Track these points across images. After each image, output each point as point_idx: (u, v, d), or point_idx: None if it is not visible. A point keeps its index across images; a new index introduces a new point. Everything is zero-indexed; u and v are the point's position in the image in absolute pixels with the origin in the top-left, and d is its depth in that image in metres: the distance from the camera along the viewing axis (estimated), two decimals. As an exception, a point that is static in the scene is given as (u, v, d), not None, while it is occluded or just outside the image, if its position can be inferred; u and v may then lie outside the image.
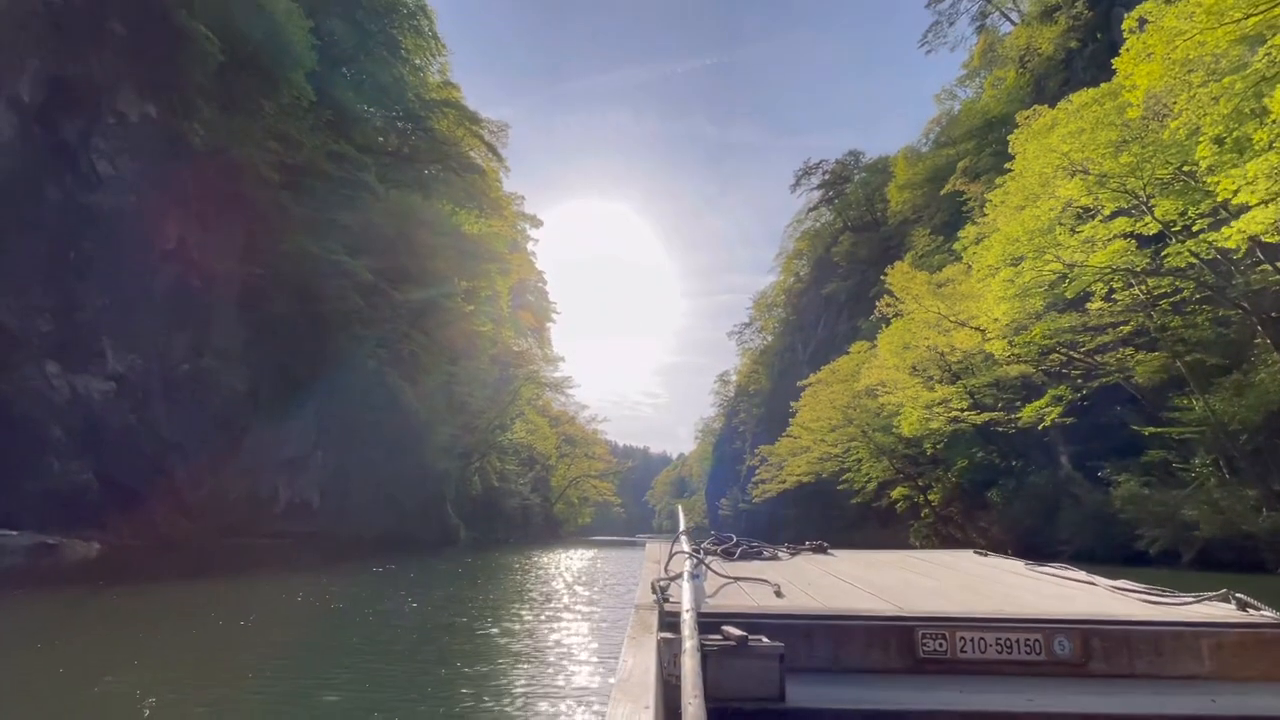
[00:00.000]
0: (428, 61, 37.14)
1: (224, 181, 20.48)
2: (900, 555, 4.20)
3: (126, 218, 18.04)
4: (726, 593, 2.63)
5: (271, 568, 17.14)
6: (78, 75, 16.93)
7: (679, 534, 3.74)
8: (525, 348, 57.53)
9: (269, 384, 24.80)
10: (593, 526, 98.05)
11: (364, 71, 34.49)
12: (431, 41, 36.34)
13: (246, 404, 23.08)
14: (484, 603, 10.74)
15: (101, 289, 17.71)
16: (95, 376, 17.76)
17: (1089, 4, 36.82)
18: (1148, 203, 16.51)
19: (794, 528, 54.57)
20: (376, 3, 33.26)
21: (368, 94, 35.14)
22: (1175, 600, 2.51)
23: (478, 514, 48.80)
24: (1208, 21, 10.58)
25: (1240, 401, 21.61)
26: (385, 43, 34.17)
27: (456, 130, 38.09)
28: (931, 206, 50.09)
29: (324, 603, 10.34)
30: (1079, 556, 25.95)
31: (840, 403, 40.36)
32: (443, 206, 31.30)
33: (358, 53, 33.12)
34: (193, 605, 10.20)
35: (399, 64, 34.82)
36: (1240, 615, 2.27)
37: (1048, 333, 23.94)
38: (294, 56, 23.05)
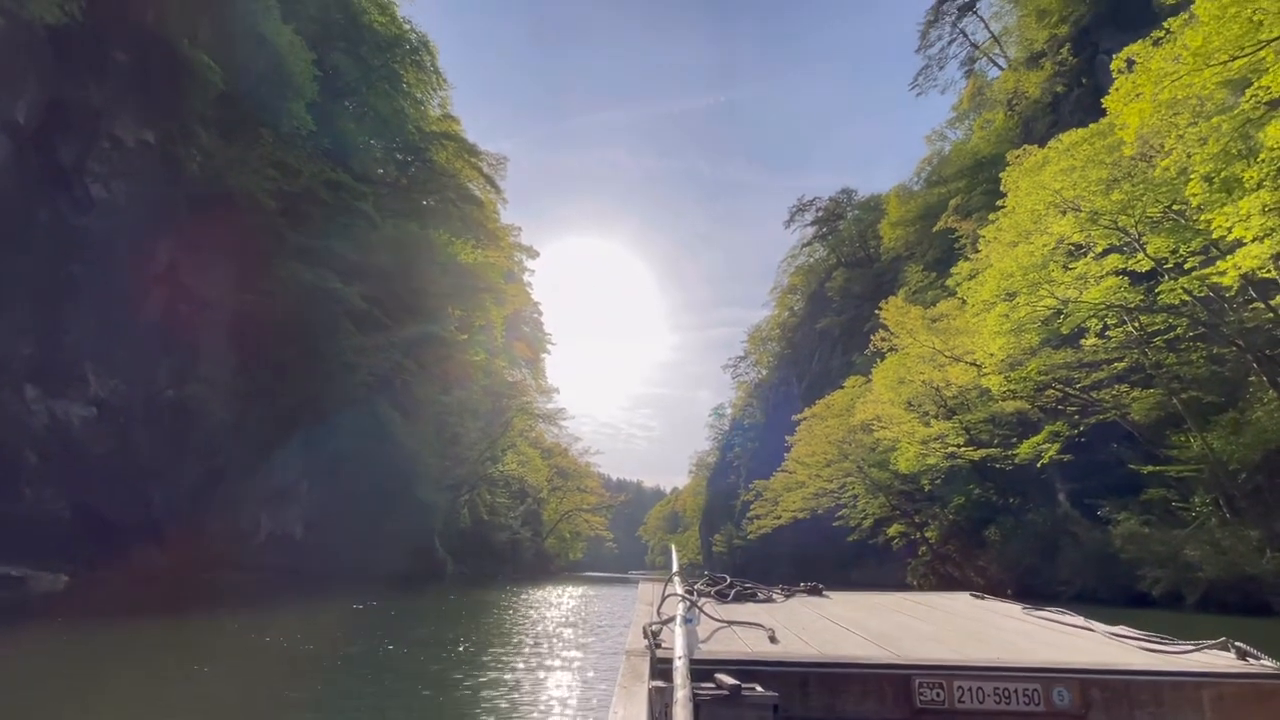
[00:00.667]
0: (429, 95, 37.81)
1: (219, 208, 20.44)
2: (896, 598, 4.15)
3: (117, 242, 17.89)
4: (720, 638, 2.59)
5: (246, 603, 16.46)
6: (76, 100, 17.01)
7: (672, 575, 3.66)
8: (519, 378, 57.20)
9: (256, 413, 24.34)
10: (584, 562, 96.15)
11: (365, 104, 35.01)
12: (433, 76, 37.06)
13: (232, 433, 22.59)
14: (465, 646, 10.16)
15: (88, 313, 17.43)
16: (75, 402, 17.35)
17: (1074, 50, 38.00)
18: (1139, 240, 16.62)
19: (789, 565, 53.52)
20: (380, 38, 33.96)
21: (368, 126, 35.60)
22: (1175, 648, 2.48)
23: (466, 548, 47.66)
24: (1194, 63, 10.77)
25: (1238, 440, 21.45)
26: (387, 76, 34.80)
27: (455, 162, 38.54)
28: (924, 243, 50.73)
29: (293, 644, 9.77)
30: (1080, 598, 25.38)
31: (836, 437, 40.07)
32: (439, 236, 31.39)
33: (359, 86, 33.66)
34: (148, 645, 9.66)
35: (400, 97, 35.39)
36: (1241, 665, 2.23)
37: (1043, 369, 23.89)
38: (295, 87, 23.33)
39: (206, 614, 14.14)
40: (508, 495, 55.18)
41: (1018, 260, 18.14)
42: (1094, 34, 37.10)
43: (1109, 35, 36.03)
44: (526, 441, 54.91)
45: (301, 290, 23.37)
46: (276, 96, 23.15)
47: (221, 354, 21.34)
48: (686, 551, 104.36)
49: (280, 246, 23.42)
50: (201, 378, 20.77)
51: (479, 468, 44.13)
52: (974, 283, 21.53)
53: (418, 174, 35.82)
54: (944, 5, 49.27)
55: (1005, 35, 47.63)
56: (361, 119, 35.31)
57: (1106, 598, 23.87)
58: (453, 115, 40.39)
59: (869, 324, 42.87)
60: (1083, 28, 37.81)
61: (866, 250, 69.13)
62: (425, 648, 9.79)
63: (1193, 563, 20.34)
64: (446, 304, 31.95)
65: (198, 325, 20.46)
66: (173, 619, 13.01)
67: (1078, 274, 18.70)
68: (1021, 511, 32.45)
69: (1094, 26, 37.14)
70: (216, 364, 21.01)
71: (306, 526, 28.45)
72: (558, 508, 71.95)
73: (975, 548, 34.35)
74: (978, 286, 20.73)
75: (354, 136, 34.17)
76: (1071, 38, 38.37)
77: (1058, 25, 39.49)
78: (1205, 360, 20.94)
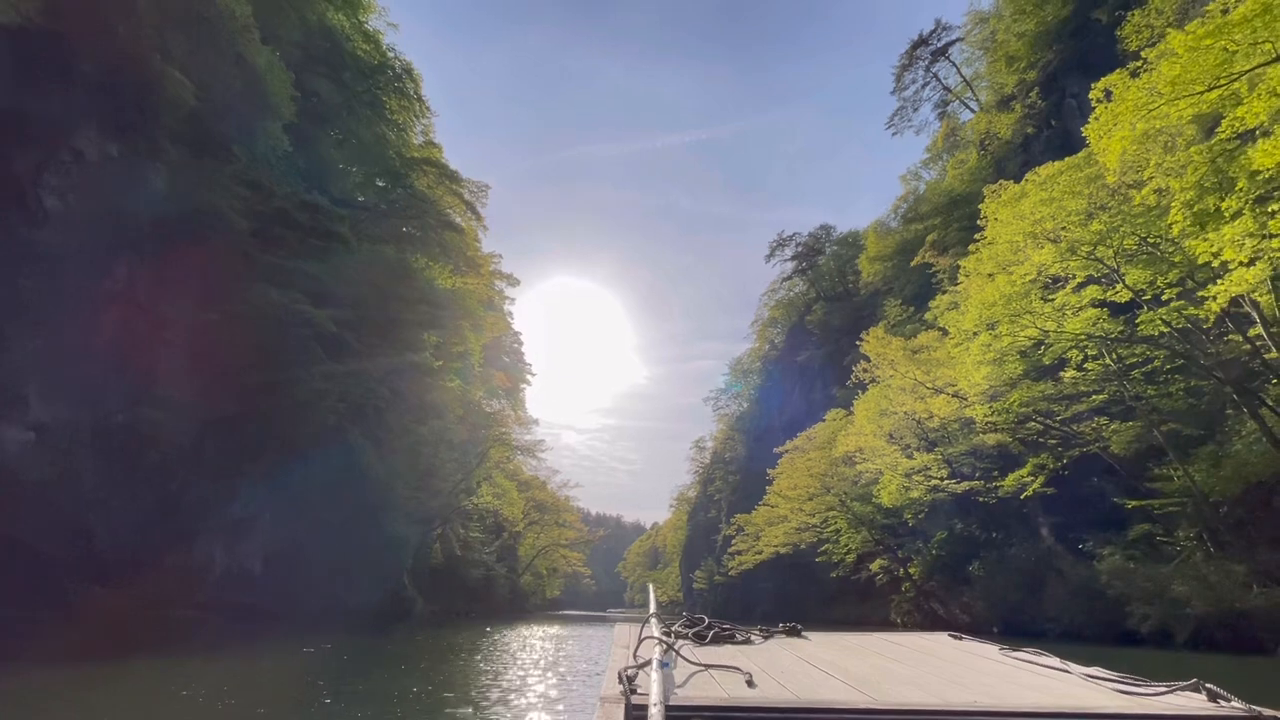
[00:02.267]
0: (411, 122, 37.77)
1: (186, 225, 19.74)
2: (875, 638, 4.12)
3: (71, 257, 17.03)
4: (697, 682, 2.56)
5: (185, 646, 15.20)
6: (36, 109, 16.37)
7: (649, 616, 3.61)
8: (498, 409, 56.11)
9: (216, 440, 23.17)
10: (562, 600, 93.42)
11: (346, 129, 34.80)
12: (415, 103, 37.07)
13: (188, 461, 21.39)
14: (416, 698, 8.96)
15: (34, 330, 16.44)
16: (14, 425, 16.19)
17: (1042, 94, 39.39)
18: (1118, 271, 16.70)
19: (771, 603, 52.35)
20: (363, 64, 33.97)
21: (349, 151, 35.33)
22: (1148, 690, 2.50)
23: (438, 585, 45.79)
24: (1172, 93, 10.88)
25: (1218, 473, 21.42)
26: (369, 103, 34.71)
27: (436, 189, 38.31)
28: (901, 278, 51.47)
29: (213, 694, 8.64)
30: (1067, 636, 24.83)
31: (817, 470, 39.67)
32: (416, 261, 30.85)
33: (341, 111, 33.48)
34: (38, 695, 8.57)
35: (382, 123, 35.28)
36: (1211, 708, 2.24)
37: (1024, 400, 23.82)
38: (273, 108, 22.97)
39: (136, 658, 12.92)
40: (482, 530, 53.48)
41: (999, 289, 18.15)
42: (1061, 79, 38.56)
43: (1075, 80, 37.48)
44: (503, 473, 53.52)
45: (270, 313, 22.54)
46: (253, 116, 22.76)
47: (180, 377, 20.31)
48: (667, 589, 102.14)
49: (249, 268, 22.67)
50: (157, 401, 19.69)
51: (453, 500, 42.70)
52: (956, 313, 21.53)
53: (397, 200, 35.48)
54: (917, 50, 51.12)
55: (976, 80, 49.41)
56: (342, 144, 35.04)
57: (1094, 636, 23.34)
58: (435, 142, 40.40)
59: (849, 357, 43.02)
60: (1050, 73, 39.30)
61: (845, 285, 70.14)
62: (368, 701, 8.54)
63: (1180, 599, 19.98)
64: (423, 331, 31.23)
65: (155, 346, 19.48)
66: (93, 664, 11.80)
67: (1058, 304, 18.75)
68: (1005, 546, 32.08)
69: (1061, 72, 38.63)
70: (174, 387, 19.96)
71: (267, 562, 26.90)
72: (534, 543, 69.99)
73: (959, 584, 33.80)
74: (960, 316, 20.70)
75: (334, 161, 33.84)
76: (1040, 82, 39.84)
77: (1026, 71, 41.02)
78: (1184, 393, 20.99)
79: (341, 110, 33.66)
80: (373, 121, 35.19)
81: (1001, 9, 44.39)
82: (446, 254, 36.14)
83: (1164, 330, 17.68)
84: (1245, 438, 20.89)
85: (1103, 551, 25.01)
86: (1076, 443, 25.08)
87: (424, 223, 35.66)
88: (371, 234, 31.60)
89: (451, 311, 32.24)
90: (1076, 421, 25.21)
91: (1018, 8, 41.99)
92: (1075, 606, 25.01)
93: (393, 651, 16.56)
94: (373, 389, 29.37)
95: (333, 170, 33.22)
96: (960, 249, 39.13)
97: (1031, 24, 40.62)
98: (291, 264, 24.38)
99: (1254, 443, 20.42)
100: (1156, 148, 15.37)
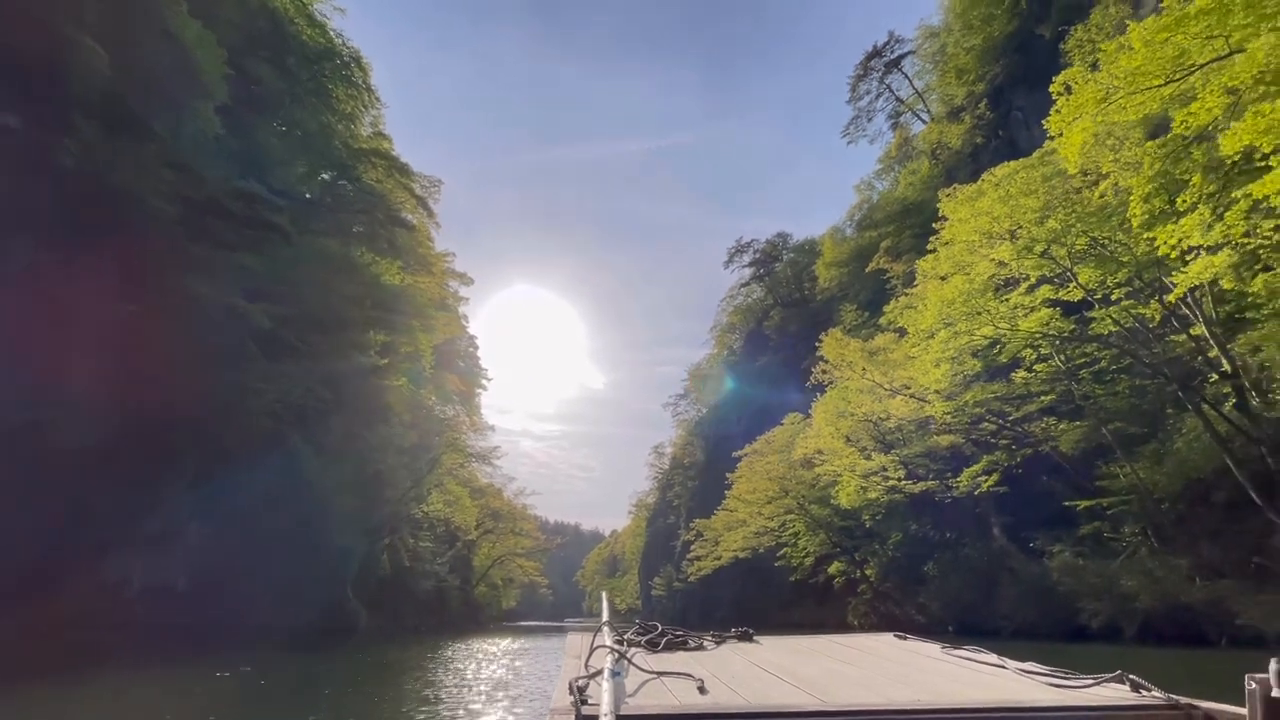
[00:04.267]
0: (359, 113, 36.13)
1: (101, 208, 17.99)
2: (825, 641, 4.22)
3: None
4: (649, 690, 2.59)
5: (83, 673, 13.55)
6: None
7: (601, 625, 3.58)
8: (452, 415, 54.28)
9: (135, 443, 21.21)
10: (518, 610, 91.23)
11: (290, 117, 32.98)
12: (364, 93, 35.48)
13: (101, 466, 19.46)
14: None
15: (-86, 319, 14.57)
16: (-114, 425, 14.26)
17: (990, 106, 40.68)
18: (1071, 270, 16.94)
19: (729, 608, 52.09)
20: (308, 50, 32.29)
21: (292, 141, 33.48)
22: (1077, 683, 2.62)
23: (386, 598, 43.65)
24: (1131, 85, 10.93)
25: (1160, 469, 22.09)
26: (315, 90, 33.00)
27: (386, 182, 36.72)
28: (857, 284, 52.33)
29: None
30: (1021, 634, 25.14)
31: (776, 474, 39.64)
32: (363, 255, 29.32)
33: (284, 98, 31.70)
34: None
35: (328, 112, 33.57)
36: (1134, 697, 2.38)
37: (979, 400, 24.14)
38: (203, 86, 21.34)
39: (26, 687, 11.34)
40: (434, 539, 51.49)
41: (957, 287, 18.23)
42: (1008, 92, 39.95)
43: (1021, 94, 38.87)
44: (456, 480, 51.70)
45: (198, 306, 20.84)
46: (181, 95, 21.08)
47: (92, 374, 18.44)
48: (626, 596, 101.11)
49: (177, 258, 20.91)
50: (63, 399, 17.82)
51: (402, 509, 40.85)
52: (914, 312, 21.60)
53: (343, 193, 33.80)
54: (872, 61, 52.30)
55: (928, 91, 50.81)
56: (285, 135, 33.19)
57: (1046, 632, 23.68)
58: (384, 134, 38.80)
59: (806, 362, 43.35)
60: (998, 85, 40.65)
61: (802, 291, 71.08)
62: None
63: (1128, 593, 20.42)
64: (369, 329, 29.67)
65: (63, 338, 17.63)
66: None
67: (1012, 304, 18.97)
68: (958, 547, 32.56)
69: (1007, 85, 40.00)
70: (85, 385, 18.10)
71: (193, 577, 24.83)
72: (489, 552, 68.00)
73: (915, 584, 34.14)
74: (918, 315, 20.77)
75: (275, 151, 31.98)
76: (988, 94, 41.16)
77: (975, 83, 42.34)
78: (1129, 391, 21.56)
79: (284, 97, 31.88)
80: (318, 110, 33.47)
81: (951, 24, 45.81)
82: (396, 251, 34.61)
83: (1113, 329, 18.04)
84: (1185, 435, 21.60)
85: (1053, 549, 25.53)
86: (1027, 442, 25.58)
87: (372, 218, 34.07)
88: (315, 229, 29.92)
89: (400, 310, 30.79)
90: (1027, 421, 25.74)
91: (966, 23, 43.36)
92: (1027, 604, 25.38)
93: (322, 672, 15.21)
94: (314, 391, 27.67)
95: (274, 161, 31.35)
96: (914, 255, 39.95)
97: (979, 39, 41.98)
98: (224, 255, 22.68)
99: (1194, 440, 21.13)
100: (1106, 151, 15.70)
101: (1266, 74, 9.27)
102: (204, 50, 21.02)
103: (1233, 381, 16.28)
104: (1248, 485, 16.62)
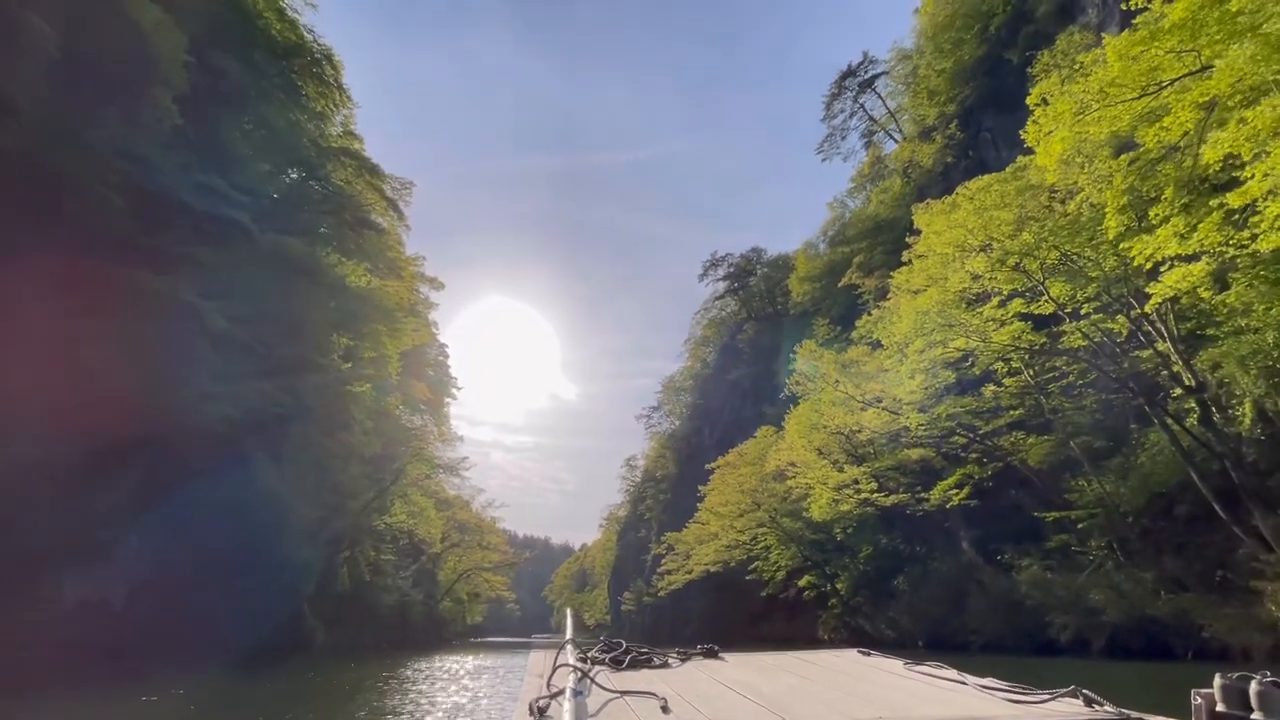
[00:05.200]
0: (330, 111, 35.18)
1: (41, 194, 16.88)
2: (789, 657, 4.23)
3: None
4: (611, 710, 2.55)
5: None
6: None
7: (564, 642, 3.59)
8: (420, 424, 52.85)
9: (73, 447, 19.87)
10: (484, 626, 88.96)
11: (256, 114, 31.90)
12: (335, 91, 34.57)
13: (30, 470, 18.12)
14: None
15: None
16: None
17: (960, 126, 41.63)
18: (1043, 283, 17.08)
19: (700, 622, 51.49)
20: (277, 45, 31.36)
21: (258, 139, 32.38)
22: (1034, 698, 2.68)
23: (345, 614, 41.86)
24: (1107, 97, 11.00)
25: (1125, 484, 22.40)
26: (283, 87, 32.03)
27: (355, 182, 35.74)
28: (829, 299, 52.85)
29: None
30: (989, 648, 25.13)
31: (749, 486, 39.42)
32: (327, 256, 28.30)
33: (250, 92, 30.66)
34: None
35: (297, 110, 32.59)
36: (1088, 712, 2.44)
37: (950, 414, 24.25)
38: (161, 74, 20.37)
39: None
40: (396, 552, 49.80)
41: (932, 298, 18.26)
42: (978, 114, 40.95)
43: (990, 116, 39.89)
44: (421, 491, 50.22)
45: (147, 302, 19.71)
46: (137, 80, 20.07)
47: (23, 370, 17.20)
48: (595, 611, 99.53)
49: (124, 249, 19.78)
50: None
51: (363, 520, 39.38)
52: (888, 323, 21.62)
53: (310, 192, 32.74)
54: (846, 81, 53.28)
55: (900, 111, 51.90)
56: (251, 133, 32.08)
57: (1014, 646, 23.69)
58: (355, 133, 37.85)
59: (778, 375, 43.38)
60: (968, 107, 41.65)
61: (775, 305, 71.69)
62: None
63: (1096, 607, 20.52)
64: (332, 332, 28.59)
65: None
66: None
67: (985, 318, 19.08)
68: (928, 560, 32.64)
69: (977, 107, 41.02)
70: (14, 381, 16.85)
71: (132, 592, 23.28)
72: (455, 566, 66.13)
73: (885, 598, 34.08)
74: (892, 326, 20.77)
75: (239, 147, 30.86)
76: (958, 115, 42.13)
77: (946, 104, 43.35)
78: (1095, 406, 21.85)
79: (250, 92, 30.84)
80: (287, 107, 32.47)
81: (923, 47, 46.96)
82: (364, 254, 33.60)
83: (1082, 344, 18.22)
84: (1149, 450, 21.97)
85: (1021, 563, 25.66)
86: (997, 456, 25.78)
87: (340, 219, 33.05)
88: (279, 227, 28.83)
89: (366, 313, 29.77)
90: (996, 436, 25.98)
91: (937, 47, 44.48)
92: (996, 618, 25.41)
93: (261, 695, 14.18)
94: (271, 395, 26.47)
95: (238, 157, 30.24)
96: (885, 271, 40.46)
97: (950, 62, 43.06)
98: (179, 251, 21.58)
99: (1157, 454, 21.48)
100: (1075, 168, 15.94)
101: (1243, 83, 9.38)
102: (162, 36, 20.09)
103: (1196, 396, 16.53)
104: (1211, 498, 16.83)
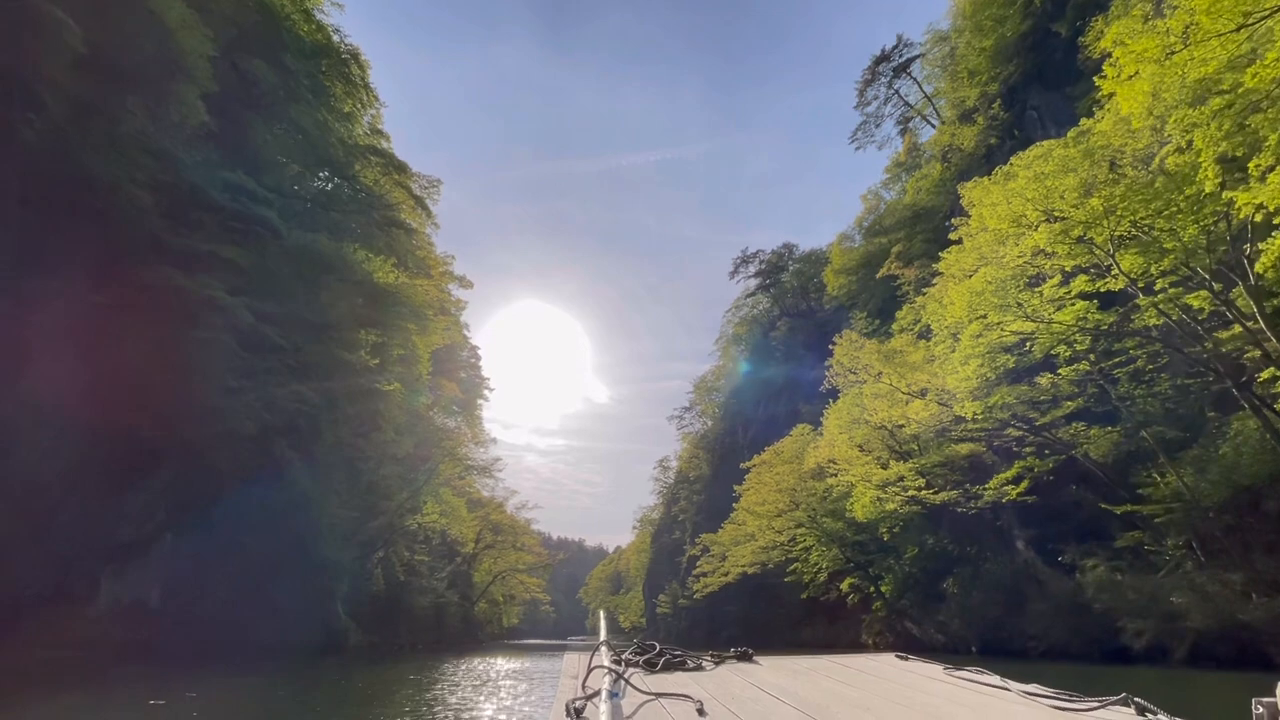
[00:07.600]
0: (357, 111, 35.31)
1: (70, 192, 16.88)
2: (824, 661, 4.07)
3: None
4: (647, 713, 2.53)
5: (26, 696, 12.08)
6: None
7: (599, 644, 3.53)
8: (453, 426, 52.87)
9: (106, 446, 19.91)
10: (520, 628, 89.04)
11: (285, 115, 32.11)
12: (362, 91, 34.65)
13: (65, 470, 18.15)
14: None
15: None
16: None
17: (1004, 106, 39.60)
18: (1112, 254, 15.56)
19: (737, 626, 50.14)
20: (305, 46, 31.50)
21: (287, 140, 32.60)
22: (1081, 706, 2.54)
23: (379, 614, 41.94)
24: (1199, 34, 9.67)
25: (1205, 477, 20.50)
26: (312, 88, 32.18)
27: (383, 180, 35.77)
28: (865, 292, 51.09)
29: None
30: (1051, 654, 23.33)
31: (786, 485, 38.06)
32: (355, 252, 28.19)
33: (279, 93, 30.84)
34: None
35: (325, 110, 32.72)
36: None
37: (1004, 404, 22.66)
38: (186, 71, 20.36)
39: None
40: (430, 553, 49.82)
41: (986, 278, 16.88)
42: (1022, 92, 38.86)
43: (1036, 93, 37.79)
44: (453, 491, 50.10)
45: (175, 299, 19.64)
46: (163, 79, 20.10)
47: (58, 371, 17.21)
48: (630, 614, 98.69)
49: (153, 247, 19.77)
50: (25, 400, 16.54)
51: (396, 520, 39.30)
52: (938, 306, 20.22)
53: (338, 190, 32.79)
54: (879, 66, 51.46)
55: (937, 96, 49.85)
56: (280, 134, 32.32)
57: (1080, 653, 21.92)
58: (382, 131, 37.91)
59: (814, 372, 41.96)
60: (1011, 85, 39.60)
61: (808, 302, 69.96)
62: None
63: (1176, 611, 18.75)
64: (360, 328, 28.42)
65: (23, 331, 16.41)
66: None
67: (1046, 297, 17.59)
68: (979, 561, 30.85)
69: (1021, 85, 38.94)
70: (46, 381, 16.85)
71: (167, 590, 23.35)
72: (490, 568, 66.13)
73: (933, 601, 32.36)
74: (943, 310, 19.38)
75: (269, 148, 31.06)
76: (1001, 94, 40.10)
77: (988, 84, 41.32)
78: (1171, 391, 20.05)
79: (279, 92, 31.01)
80: (315, 108, 32.60)
81: (961, 27, 44.94)
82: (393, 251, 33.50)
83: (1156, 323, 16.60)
84: (1232, 439, 20.06)
85: (1085, 563, 23.84)
86: (1055, 448, 24.04)
87: (368, 218, 33.00)
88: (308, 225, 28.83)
89: (394, 309, 29.55)
90: (1054, 428, 24.22)
91: (977, 25, 42.45)
92: (1059, 623, 23.63)
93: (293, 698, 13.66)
94: (302, 394, 26.37)
95: (268, 159, 30.45)
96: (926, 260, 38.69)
97: (991, 40, 41.02)
98: (207, 248, 21.52)
99: (1242, 444, 19.58)
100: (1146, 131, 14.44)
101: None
102: (188, 34, 20.07)
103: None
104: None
